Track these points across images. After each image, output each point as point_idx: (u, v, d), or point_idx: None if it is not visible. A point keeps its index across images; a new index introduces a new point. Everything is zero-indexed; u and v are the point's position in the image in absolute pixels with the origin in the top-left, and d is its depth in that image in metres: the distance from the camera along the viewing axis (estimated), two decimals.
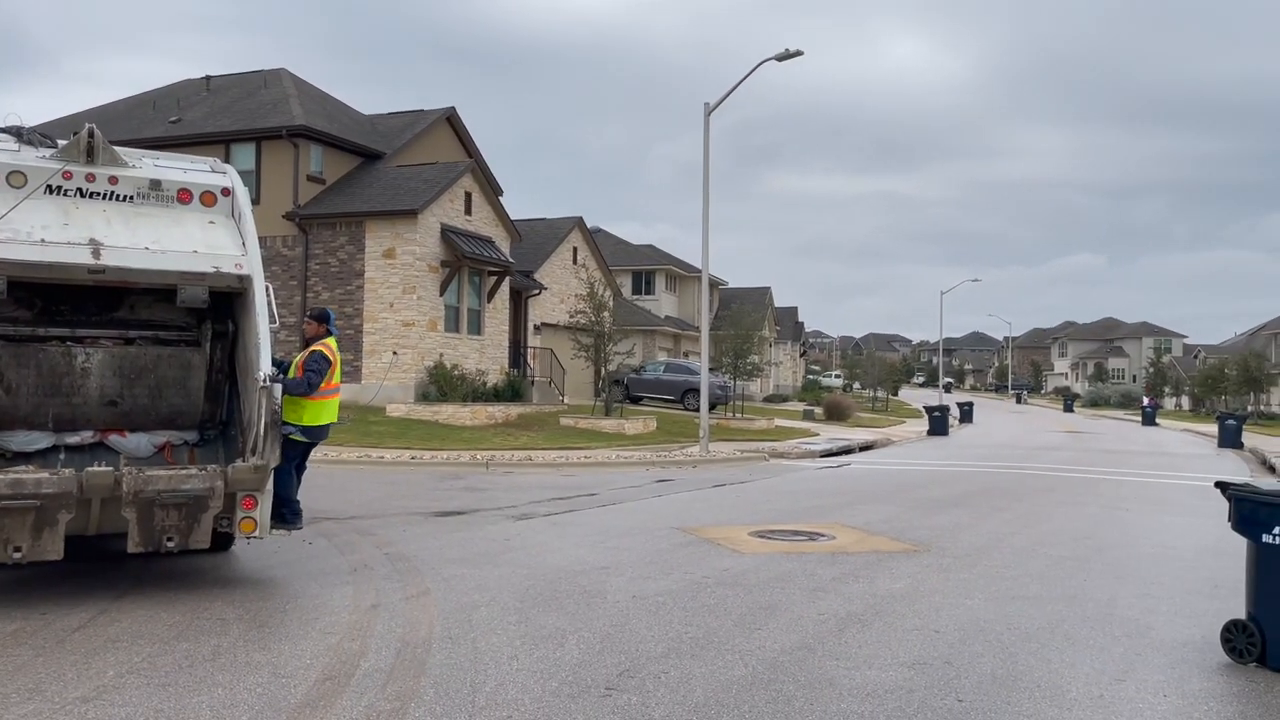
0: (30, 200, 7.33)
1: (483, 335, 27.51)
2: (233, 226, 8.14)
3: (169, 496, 6.82)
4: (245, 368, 7.96)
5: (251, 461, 7.16)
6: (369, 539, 9.75)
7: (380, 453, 18.88)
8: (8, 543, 6.42)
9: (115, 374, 8.07)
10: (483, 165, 30.18)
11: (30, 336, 7.80)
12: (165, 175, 8.22)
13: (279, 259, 25.76)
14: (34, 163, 7.70)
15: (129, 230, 7.63)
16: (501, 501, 13.10)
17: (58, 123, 30.42)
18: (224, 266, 7.71)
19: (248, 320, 7.83)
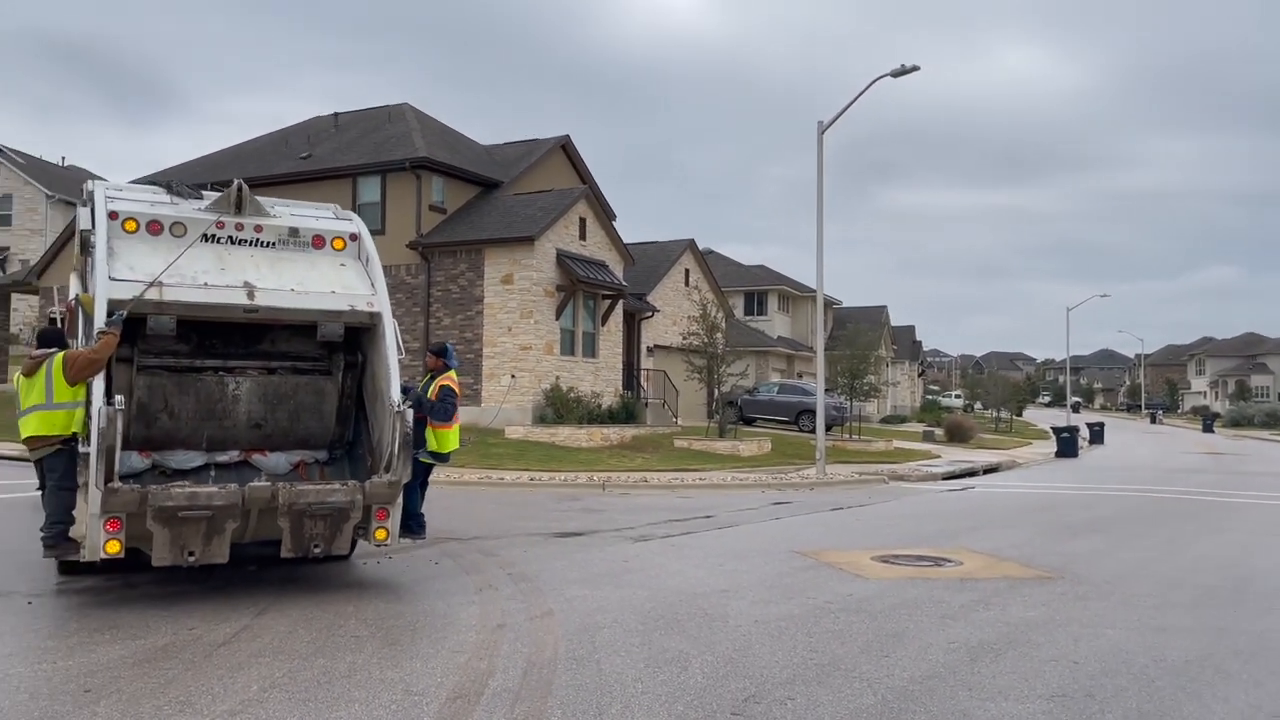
0: (191, 248, 8.22)
1: (597, 358, 27.80)
2: (361, 268, 9.04)
3: (317, 508, 7.61)
4: (374, 394, 8.80)
5: (386, 478, 7.92)
6: (492, 559, 9.93)
7: (500, 474, 19.22)
8: (183, 547, 7.23)
9: (260, 400, 8.81)
10: (596, 191, 30.60)
11: (189, 367, 8.55)
12: (301, 223, 9.15)
13: (403, 287, 26.62)
14: (192, 214, 8.63)
15: (275, 273, 8.49)
16: (619, 523, 13.17)
17: (199, 163, 32.21)
18: (358, 305, 8.57)
19: (376, 352, 8.69)
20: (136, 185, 9.63)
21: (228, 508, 7.32)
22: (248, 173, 28.80)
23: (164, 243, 8.32)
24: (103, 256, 7.93)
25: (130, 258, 8.05)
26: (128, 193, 9.03)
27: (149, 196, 8.99)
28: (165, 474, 8.20)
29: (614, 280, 27.90)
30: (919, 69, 20.71)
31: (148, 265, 7.96)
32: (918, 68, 20.68)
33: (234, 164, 30.44)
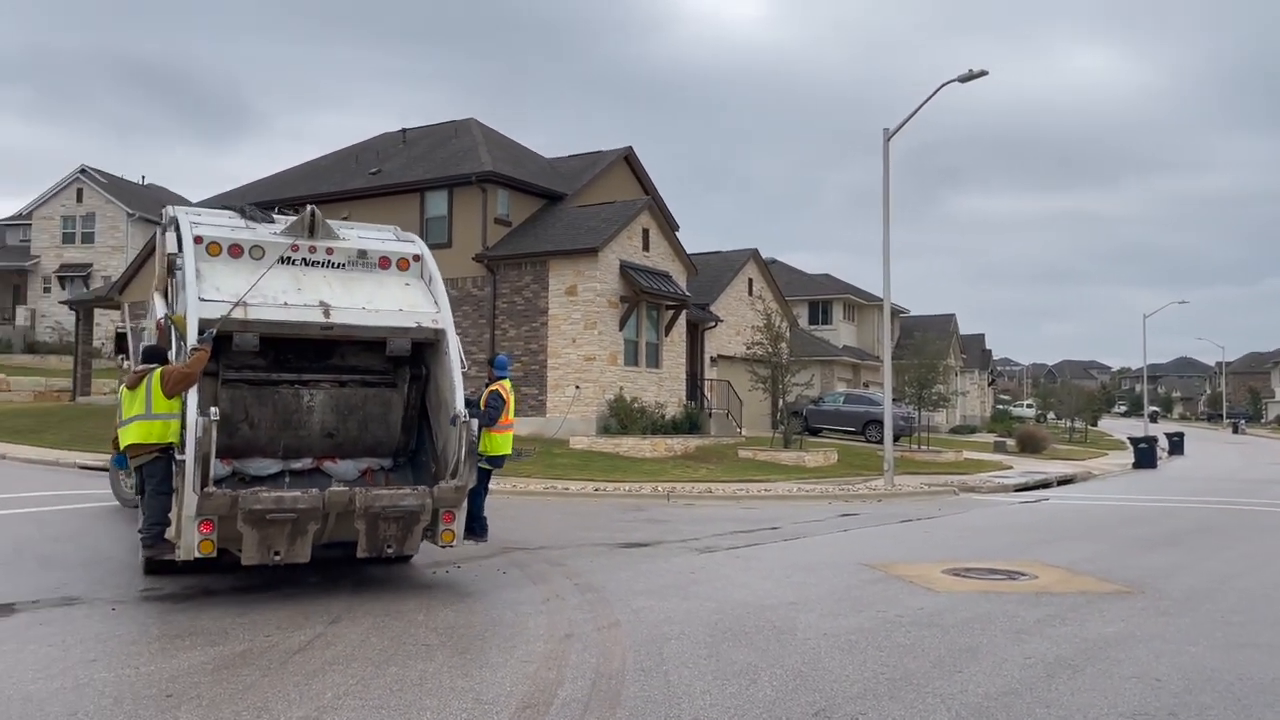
0: (271, 270, 8.86)
1: (661, 368, 27.80)
2: (425, 287, 9.65)
3: (390, 511, 8.18)
4: (437, 405, 9.36)
5: (453, 483, 8.52)
6: (559, 569, 9.97)
7: (565, 484, 19.32)
8: (270, 547, 7.87)
9: (332, 411, 9.43)
10: (659, 201, 30.66)
11: (267, 381, 9.16)
12: (368, 245, 9.76)
13: (469, 299, 26.95)
14: (270, 238, 9.30)
15: (347, 293, 9.07)
16: (684, 534, 13.14)
17: (272, 180, 33.05)
18: (424, 321, 9.17)
19: (440, 365, 9.26)
20: (212, 210, 10.20)
21: (310, 511, 7.87)
22: (320, 189, 29.47)
23: (245, 265, 8.93)
24: (192, 278, 8.52)
25: (216, 279, 8.64)
26: (206, 217, 9.58)
27: (227, 221, 9.60)
28: (244, 480, 8.61)
29: (677, 290, 27.91)
30: (987, 74, 20.38)
31: (232, 286, 8.54)
32: (985, 72, 20.37)
33: (306, 181, 31.17)
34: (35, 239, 48.78)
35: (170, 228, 9.37)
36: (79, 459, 22.13)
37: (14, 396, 35.76)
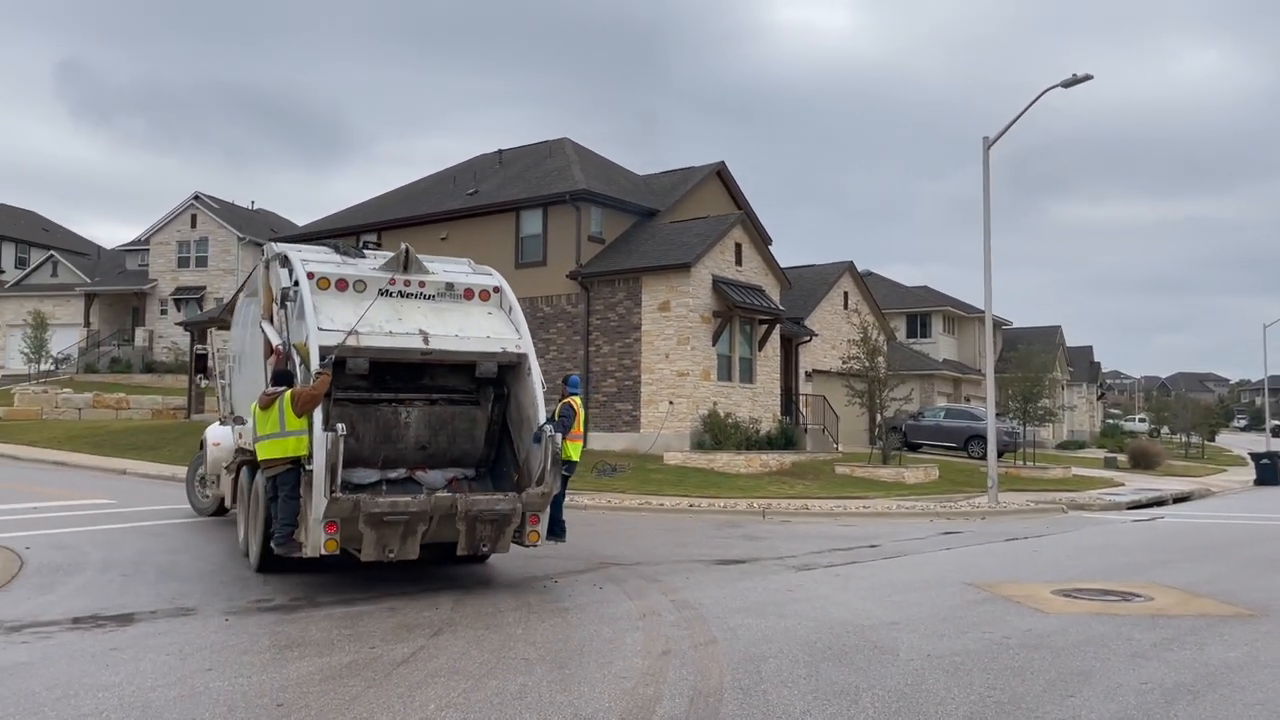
0: (375, 302, 9.92)
1: (755, 383, 27.62)
2: (505, 316, 10.72)
3: (486, 514, 9.23)
4: (518, 421, 10.34)
5: (539, 489, 9.47)
6: (655, 585, 9.96)
7: (660, 500, 19.32)
8: (385, 546, 8.91)
9: (425, 426, 10.37)
10: (751, 216, 30.54)
11: (371, 399, 10.13)
12: (454, 278, 10.86)
13: (564, 316, 27.25)
14: (369, 273, 10.30)
15: (440, 322, 10.10)
16: (781, 551, 13.00)
17: (375, 202, 34.02)
18: (508, 347, 10.20)
19: (521, 385, 10.27)
20: (310, 245, 11.42)
21: (420, 514, 8.94)
22: (419, 210, 30.23)
23: (350, 297, 9.96)
24: (310, 310, 9.54)
25: (329, 310, 9.66)
26: (308, 253, 10.65)
27: (325, 256, 10.70)
28: (346, 488, 9.16)
29: (770, 305, 27.72)
30: (1091, 78, 19.77)
31: (342, 316, 9.58)
32: (1090, 77, 19.75)
33: (406, 203, 32.00)
34: (153, 263, 51.17)
35: (276, 262, 10.51)
36: None
37: (134, 414, 37.49)
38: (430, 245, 29.19)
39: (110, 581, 9.73)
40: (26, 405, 37.17)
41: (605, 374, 26.49)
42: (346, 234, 31.79)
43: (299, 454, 9.09)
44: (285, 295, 10.07)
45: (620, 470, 22.44)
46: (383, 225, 30.86)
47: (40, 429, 32.82)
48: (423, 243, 29.27)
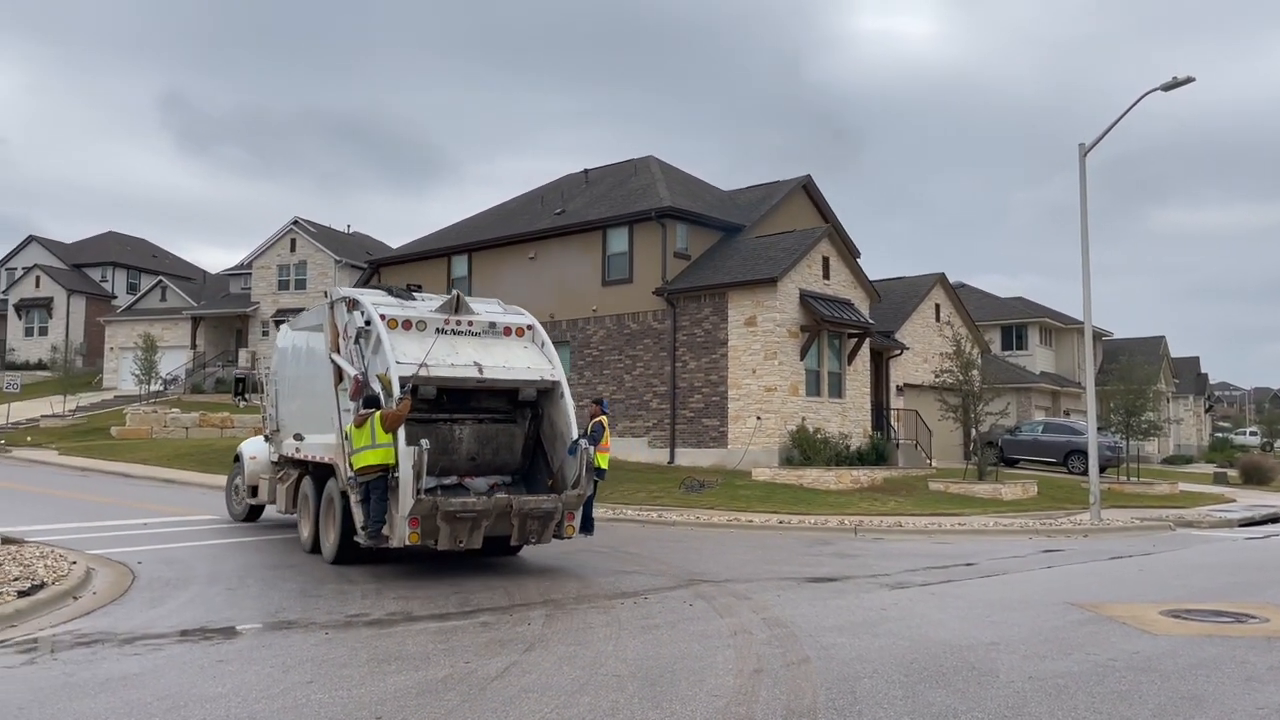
0: (436, 339, 11.95)
1: (844, 398, 27.26)
2: (538, 349, 12.82)
3: (535, 512, 11.44)
4: (552, 437, 12.49)
5: (575, 492, 11.76)
6: (745, 603, 9.89)
7: (749, 516, 19.18)
8: (457, 538, 10.97)
9: (474, 441, 12.32)
10: (839, 229, 30.22)
11: (431, 419, 11.97)
12: (495, 318, 12.92)
13: (650, 332, 27.33)
14: (427, 314, 12.35)
15: (489, 355, 12.16)
16: (874, 569, 12.77)
17: (466, 224, 34.68)
18: (545, 375, 12.37)
19: (555, 407, 12.43)
20: (368, 290, 13.38)
21: (485, 511, 11.08)
22: (509, 230, 30.73)
23: (413, 335, 11.92)
24: (388, 347, 11.46)
25: (400, 346, 11.59)
26: (371, 296, 12.62)
27: (382, 299, 12.63)
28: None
29: (859, 318, 27.36)
30: (1193, 80, 19.07)
31: (411, 351, 11.56)
32: (1192, 79, 19.05)
33: (495, 225, 32.57)
34: (255, 286, 53.04)
35: (342, 304, 12.62)
36: None
37: (237, 433, 38.81)
38: (519, 265, 29.65)
39: (216, 595, 10.08)
40: (137, 425, 38.85)
41: (691, 390, 26.46)
42: (440, 255, 32.51)
43: (387, 463, 10.85)
44: (360, 333, 12.10)
45: (708, 486, 22.36)
46: (473, 246, 31.45)
47: (150, 447, 34.24)
48: (512, 262, 29.83)
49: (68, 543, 13.39)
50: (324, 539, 12.68)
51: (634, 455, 26.98)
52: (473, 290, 31.29)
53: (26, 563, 11.14)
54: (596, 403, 15.59)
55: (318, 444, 13.30)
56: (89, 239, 68.20)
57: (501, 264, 30.16)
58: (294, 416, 14.91)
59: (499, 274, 30.02)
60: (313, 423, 13.76)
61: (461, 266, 32.03)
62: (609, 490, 22.65)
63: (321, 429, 13.23)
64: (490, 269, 30.63)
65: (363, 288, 14.52)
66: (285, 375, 15.86)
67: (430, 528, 10.85)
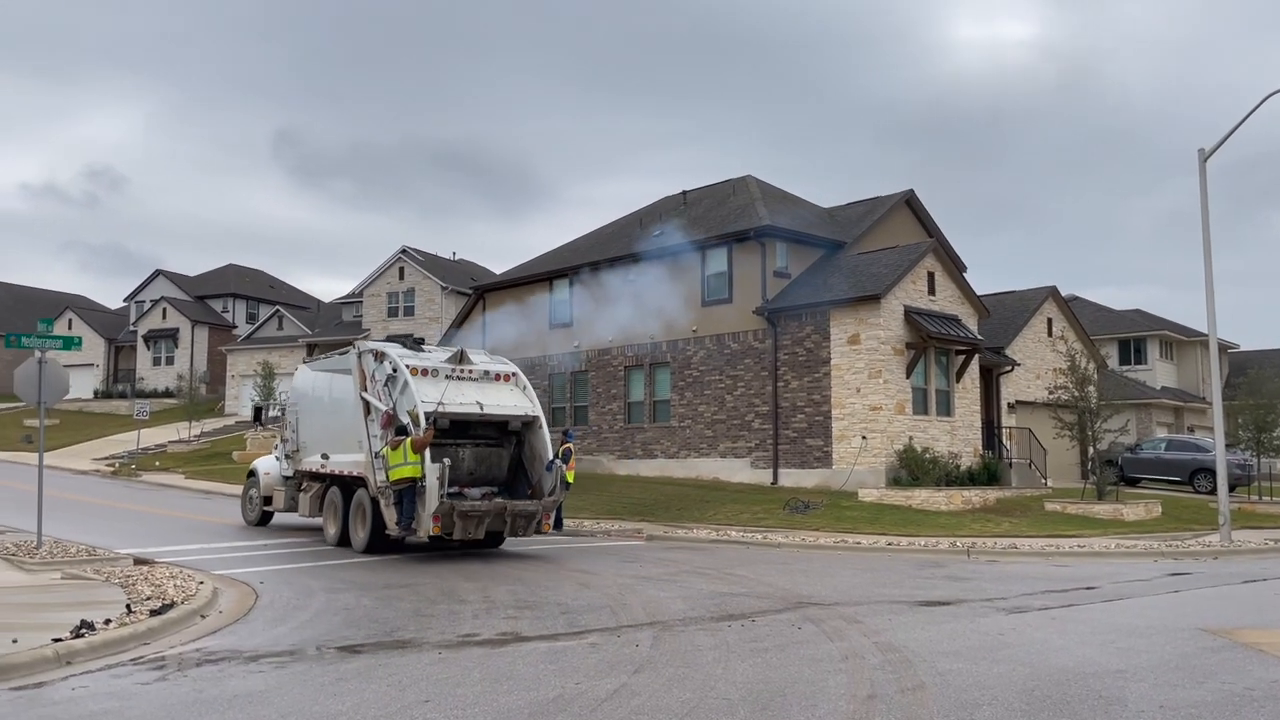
0: (447, 383, 15.88)
1: (953, 416, 26.60)
2: (520, 392, 16.94)
3: (522, 512, 15.53)
4: (532, 458, 16.65)
5: (551, 498, 15.99)
6: (855, 626, 9.70)
7: (856, 538, 18.85)
8: (466, 530, 14.89)
9: (473, 460, 16.26)
10: (944, 243, 29.61)
11: (442, 444, 15.54)
12: (487, 367, 16.90)
13: (750, 352, 27.19)
14: (439, 364, 16.29)
15: (486, 395, 16.24)
16: (989, 592, 12.39)
17: (566, 249, 35.18)
18: (528, 412, 16.61)
19: (535, 436, 16.60)
20: (385, 343, 17.50)
21: (487, 511, 15.16)
22: (608, 254, 31.02)
23: (430, 380, 15.82)
24: (414, 390, 15.42)
25: (421, 389, 15.49)
26: (392, 348, 16.57)
27: (400, 350, 16.54)
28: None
29: (967, 334, 26.71)
30: None
31: (429, 394, 15.49)
32: None
33: (595, 248, 32.94)
34: (366, 314, 54.75)
35: (369, 355, 16.45)
36: None
37: None
38: (619, 287, 29.88)
39: (334, 614, 10.38)
40: (256, 449, 40.39)
41: (794, 409, 26.20)
42: (541, 279, 33.03)
43: (416, 475, 14.70)
44: (389, 378, 15.88)
45: (813, 508, 22.07)
46: (574, 269, 31.86)
47: None
48: (612, 285, 30.07)
49: (194, 563, 13.99)
50: (353, 534, 16.30)
51: (736, 476, 26.82)
52: (574, 314, 31.72)
53: (157, 582, 11.67)
54: (564, 434, 20.84)
55: (345, 461, 16.93)
56: (211, 271, 71.52)
57: (601, 286, 30.46)
58: (317, 439, 18.33)
59: (599, 296, 30.34)
60: (339, 444, 17.29)
61: (563, 290, 32.47)
62: (712, 511, 22.57)
63: (348, 450, 16.79)
64: (590, 292, 30.97)
65: (381, 341, 18.26)
66: (306, 406, 19.22)
67: (448, 523, 14.72)
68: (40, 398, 14.65)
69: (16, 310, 68.81)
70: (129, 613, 9.60)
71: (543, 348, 32.42)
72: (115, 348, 66.83)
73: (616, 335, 30.20)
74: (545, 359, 32.53)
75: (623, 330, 29.84)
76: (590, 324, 30.88)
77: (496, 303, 34.71)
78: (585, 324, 31.23)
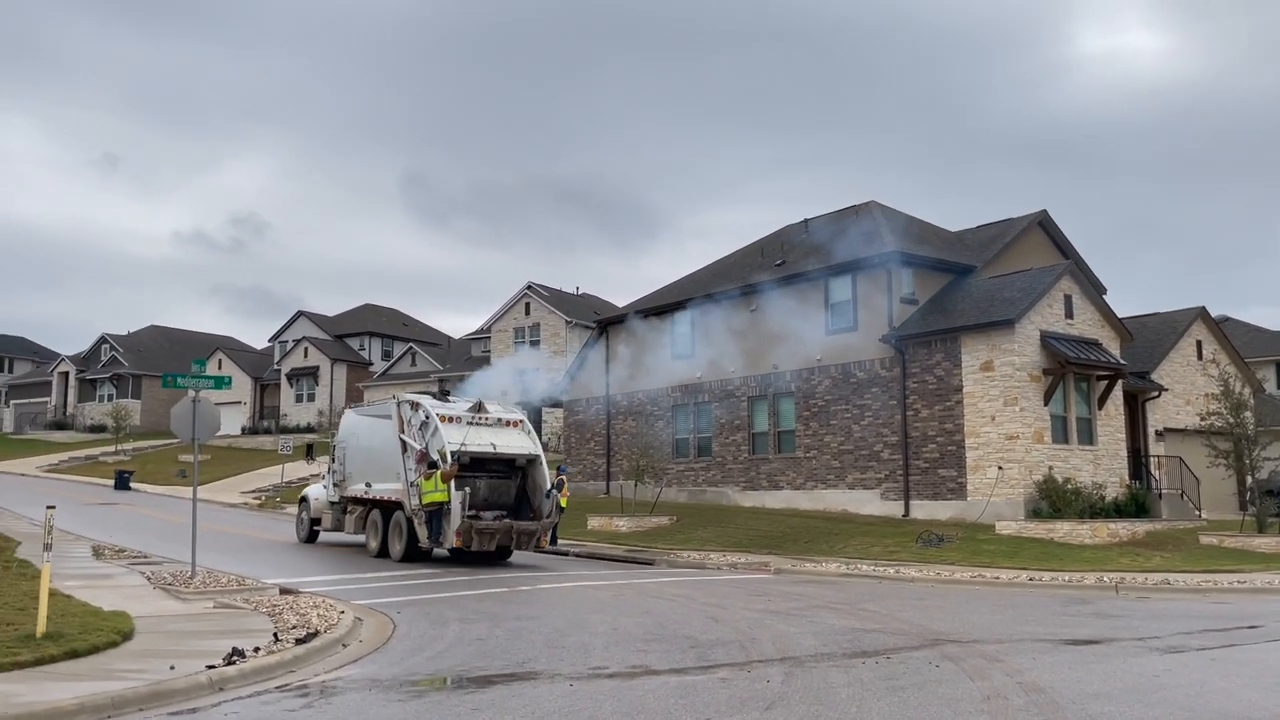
0: (468, 428, 19.72)
1: (1096, 445, 25.40)
2: (525, 434, 20.79)
3: (525, 530, 19.31)
4: (534, 488, 20.60)
5: (548, 520, 20.06)
6: (996, 665, 9.32)
7: (994, 573, 18.15)
8: (482, 544, 18.69)
9: (487, 489, 20.37)
10: (1081, 265, 28.47)
11: (464, 475, 19.45)
12: (500, 415, 20.79)
13: (877, 381, 26.63)
14: (461, 413, 20.25)
15: (498, 437, 20.17)
16: (1140, 631, 11.72)
17: (687, 280, 35.30)
18: (531, 451, 20.60)
19: (536, 470, 20.56)
20: (420, 395, 21.94)
21: (498, 529, 18.92)
22: (727, 285, 30.98)
23: (455, 426, 19.69)
24: (443, 434, 19.34)
25: (448, 433, 19.39)
26: (424, 400, 20.81)
27: (431, 401, 20.82)
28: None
29: (1109, 359, 25.54)
30: None
31: (454, 437, 19.37)
32: None
33: (716, 279, 32.96)
34: (494, 349, 56.12)
35: (406, 404, 20.64)
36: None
37: None
38: (741, 317, 29.83)
39: (468, 644, 10.58)
40: None
41: (925, 439, 25.50)
42: (664, 311, 33.22)
43: (443, 500, 18.66)
44: (423, 424, 19.87)
45: (947, 541, 21.37)
46: (696, 300, 31.93)
47: None
48: (733, 316, 30.03)
49: (335, 593, 14.50)
50: (391, 547, 20.19)
51: (865, 508, 26.24)
52: (696, 345, 31.76)
53: (302, 612, 12.14)
54: (558, 469, 24.09)
55: (385, 488, 20.78)
56: (348, 311, 74.63)
57: (723, 317, 30.41)
58: (361, 471, 22.25)
59: (721, 327, 30.30)
60: (380, 475, 21.19)
61: (684, 321, 32.56)
62: (842, 544, 22.16)
63: (387, 479, 20.72)
64: (712, 323, 30.97)
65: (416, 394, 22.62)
66: (352, 444, 23.15)
67: (468, 538, 18.50)
68: (194, 435, 15.52)
69: (172, 352, 73.26)
70: (276, 641, 10.00)
71: (666, 379, 32.53)
72: (261, 386, 70.29)
73: (739, 366, 30.08)
74: (669, 390, 32.64)
75: (746, 361, 29.68)
76: (713, 355, 30.85)
77: (619, 335, 35.07)
78: (708, 355, 31.22)
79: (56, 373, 78.45)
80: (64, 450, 61.72)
